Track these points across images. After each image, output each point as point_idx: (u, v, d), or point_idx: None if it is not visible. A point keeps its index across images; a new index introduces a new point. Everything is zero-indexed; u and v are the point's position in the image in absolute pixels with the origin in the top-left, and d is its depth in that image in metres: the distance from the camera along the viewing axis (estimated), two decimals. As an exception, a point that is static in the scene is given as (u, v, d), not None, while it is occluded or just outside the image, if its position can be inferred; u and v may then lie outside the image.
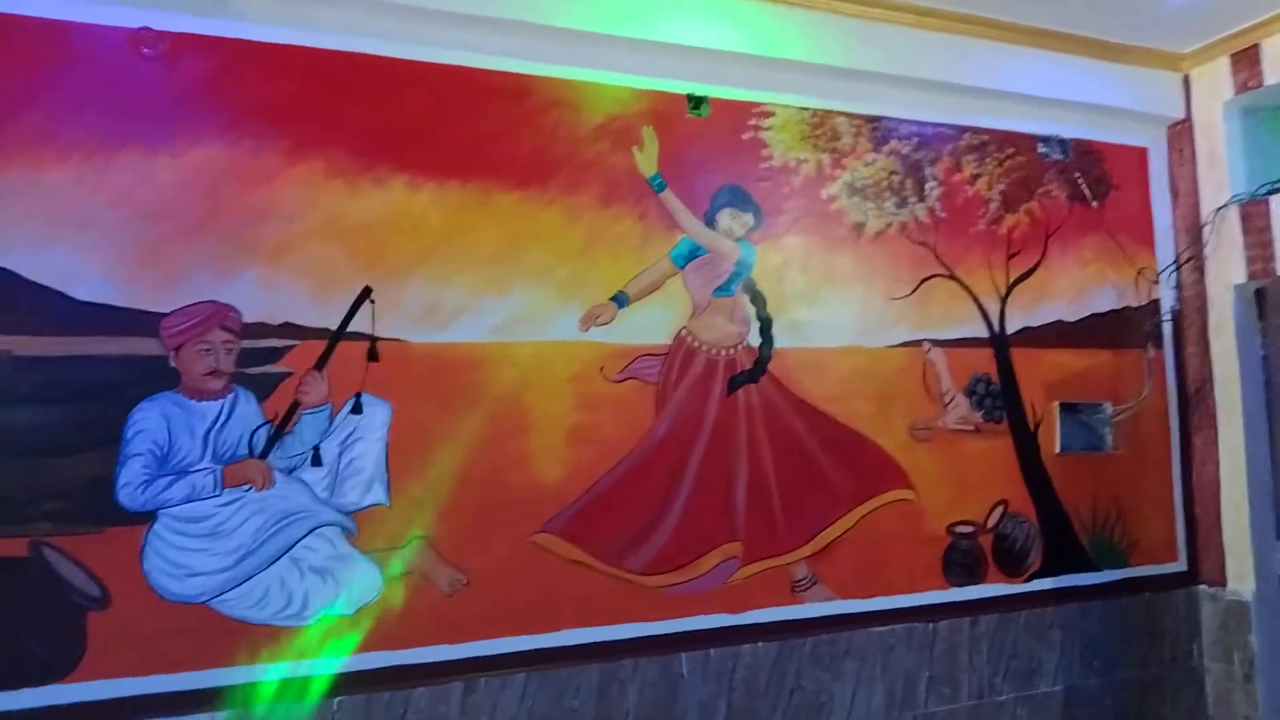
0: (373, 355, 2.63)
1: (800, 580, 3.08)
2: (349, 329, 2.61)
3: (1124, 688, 3.54)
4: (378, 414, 2.64)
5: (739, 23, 3.11)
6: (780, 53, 3.16)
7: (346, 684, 2.51)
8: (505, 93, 2.85)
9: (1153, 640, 3.63)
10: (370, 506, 2.60)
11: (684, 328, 3.01)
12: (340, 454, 2.62)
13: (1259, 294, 3.63)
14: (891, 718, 3.14)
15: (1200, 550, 3.75)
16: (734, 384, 3.07)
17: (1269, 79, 3.54)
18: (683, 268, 3.03)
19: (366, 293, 2.62)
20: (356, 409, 2.61)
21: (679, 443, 2.96)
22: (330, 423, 2.58)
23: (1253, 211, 3.60)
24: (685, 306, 3.02)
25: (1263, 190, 3.61)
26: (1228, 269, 3.71)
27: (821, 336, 3.21)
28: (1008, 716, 3.33)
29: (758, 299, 3.14)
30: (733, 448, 3.03)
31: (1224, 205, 3.71)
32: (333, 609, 2.52)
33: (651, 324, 2.96)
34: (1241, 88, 3.66)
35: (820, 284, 3.23)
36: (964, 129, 3.54)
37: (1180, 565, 3.74)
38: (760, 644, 2.98)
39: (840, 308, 3.26)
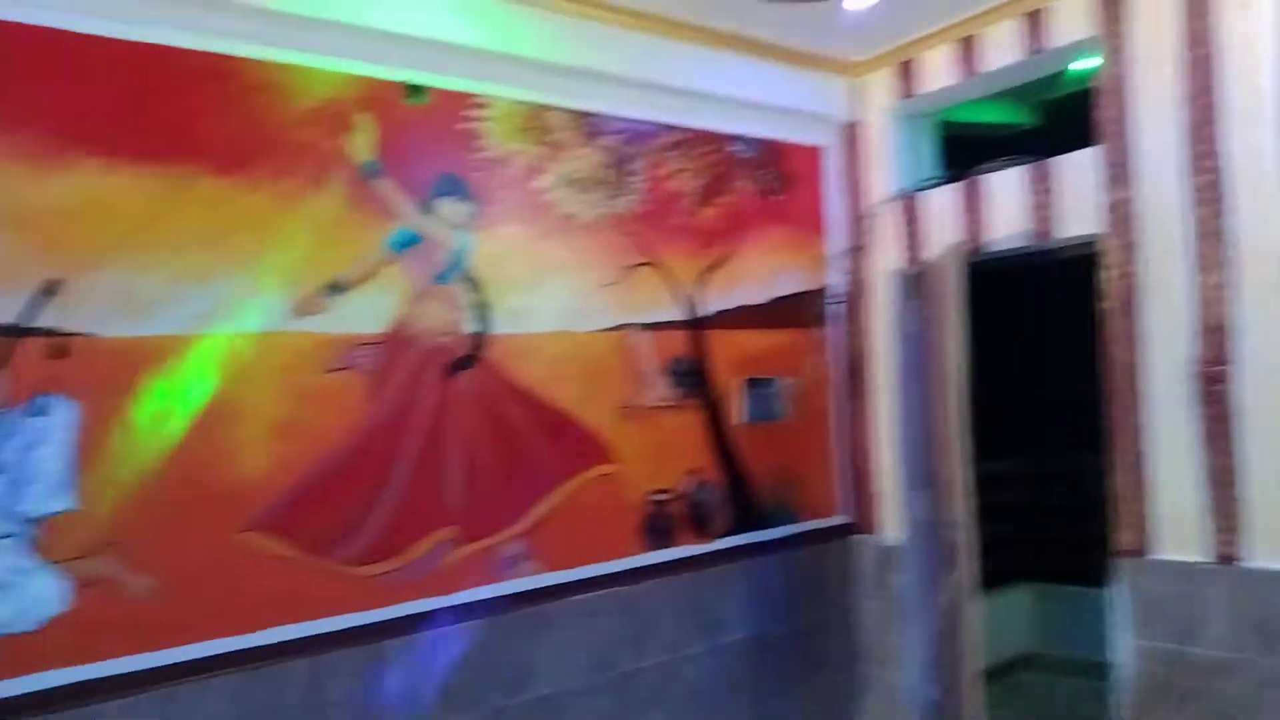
0: (57, 351, 2.79)
1: (511, 557, 3.73)
2: (30, 324, 2.73)
3: (798, 631, 4.60)
4: (62, 414, 2.82)
5: (457, 13, 3.56)
6: (497, 46, 3.67)
7: (29, 706, 2.66)
8: (211, 74, 3.08)
9: (819, 588, 4.74)
10: (56, 513, 2.76)
11: (401, 316, 3.46)
12: (20, 459, 2.76)
13: (909, 278, 4.80)
14: (593, 678, 3.90)
15: (859, 504, 4.93)
16: (451, 371, 3.59)
17: (924, 88, 4.65)
18: (400, 255, 3.47)
19: (50, 284, 2.74)
20: (37, 410, 2.77)
21: (393, 431, 3.42)
22: (7, 427, 2.71)
23: (908, 205, 4.74)
24: (402, 294, 3.47)
25: (916, 187, 4.76)
26: (886, 256, 4.84)
27: (535, 322, 3.82)
28: (698, 666, 4.25)
29: (475, 286, 3.67)
30: (448, 433, 3.56)
31: (885, 200, 4.82)
32: (11, 626, 2.65)
33: (367, 312, 3.37)
34: (902, 95, 4.76)
35: (534, 272, 3.84)
36: (667, 127, 4.29)
37: (842, 518, 4.88)
38: (470, 622, 3.56)
39: (553, 295, 3.89)
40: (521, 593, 3.70)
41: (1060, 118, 5.09)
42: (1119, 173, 3.87)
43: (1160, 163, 3.73)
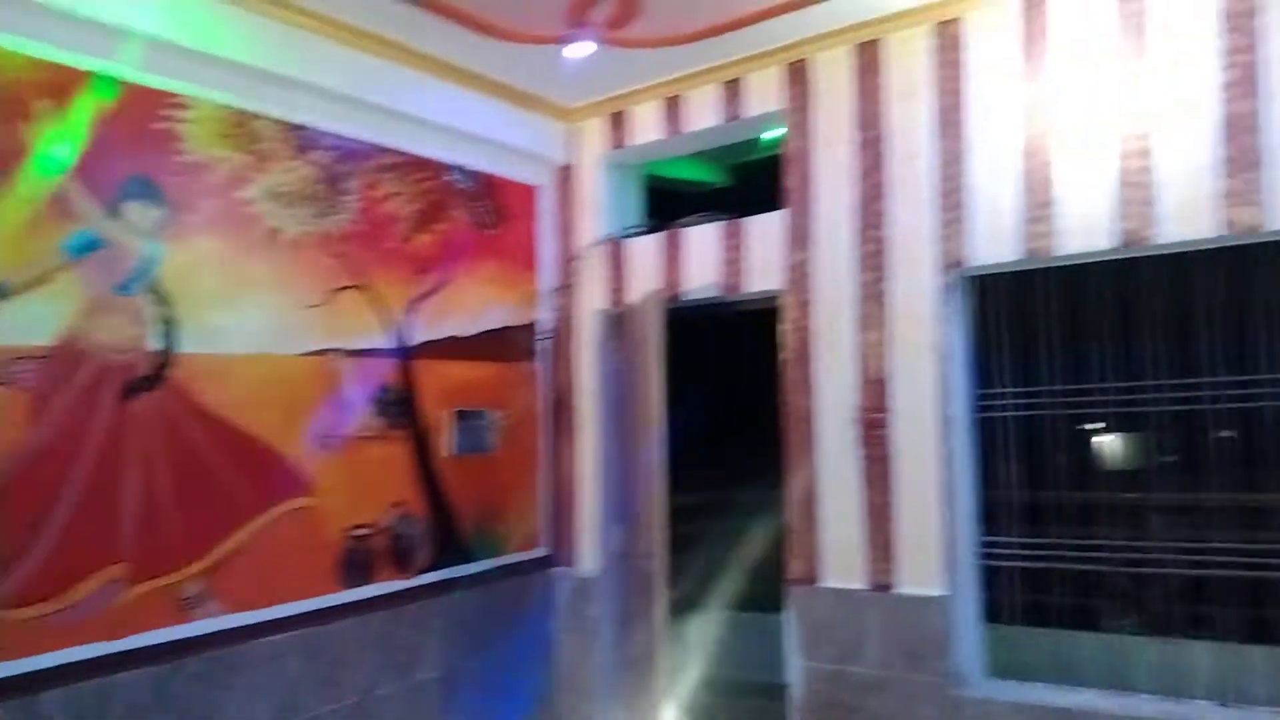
0: None
1: (191, 598, 3.48)
2: None
3: (495, 665, 4.66)
4: None
5: (157, 4, 3.36)
6: (201, 44, 3.48)
7: None
8: None
9: (519, 619, 4.83)
10: None
11: (72, 328, 3.16)
12: None
13: (613, 319, 5.08)
14: (279, 724, 3.73)
15: (560, 537, 5.09)
16: (129, 391, 3.32)
17: (634, 140, 4.97)
18: (78, 260, 3.18)
19: None
20: None
21: (58, 456, 3.09)
22: None
23: (615, 250, 5.03)
24: (77, 304, 3.17)
25: (622, 233, 5.06)
26: (593, 297, 5.09)
27: (231, 342, 3.63)
28: (390, 708, 4.18)
29: (162, 300, 3.43)
30: (123, 461, 3.27)
31: (594, 243, 5.08)
32: None
33: (33, 322, 3.04)
34: (614, 144, 5.06)
35: (232, 288, 3.65)
36: (383, 149, 4.27)
37: (543, 551, 5.03)
38: (143, 669, 3.29)
39: (252, 314, 3.72)
40: (202, 636, 3.46)
41: (750, 180, 5.65)
42: (799, 236, 4.37)
43: (834, 230, 4.26)
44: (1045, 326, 3.98)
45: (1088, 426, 4.15)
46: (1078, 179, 3.66)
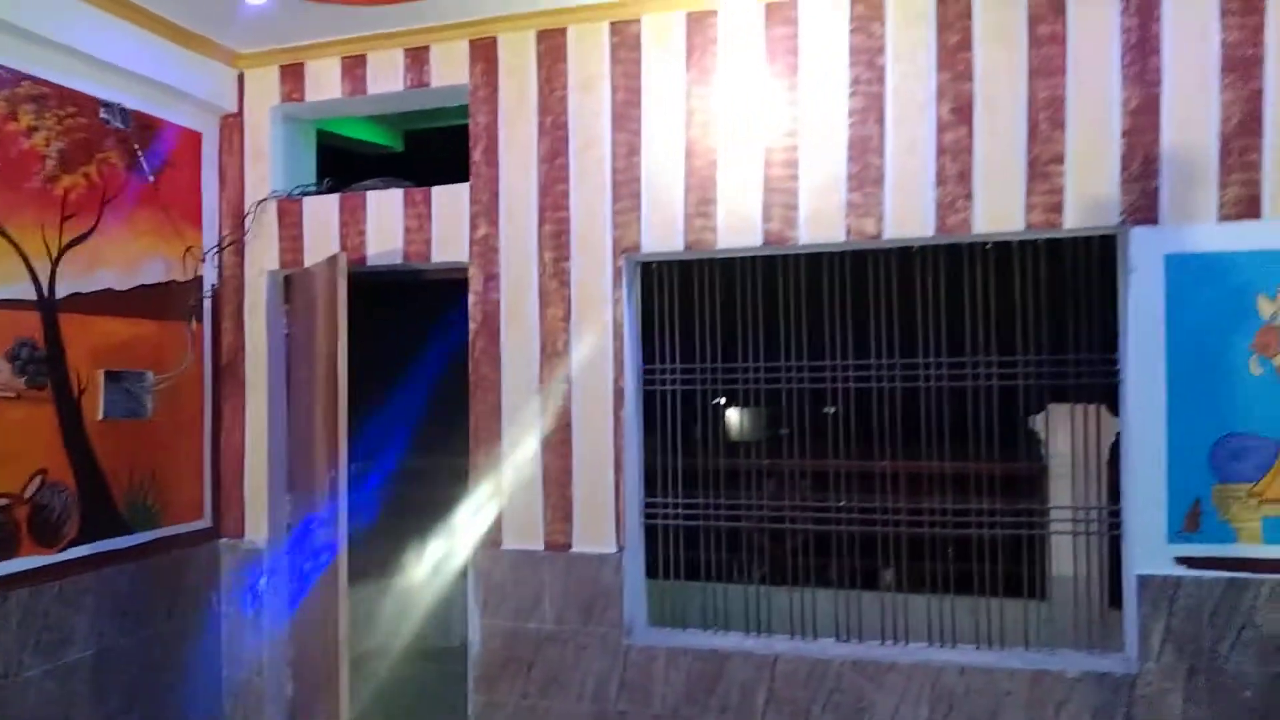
0: None
1: None
2: None
3: (152, 642, 4.44)
4: None
5: None
6: None
7: None
8: None
9: (179, 595, 4.63)
10: None
11: None
12: None
13: (287, 280, 4.94)
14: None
15: (223, 507, 4.92)
16: None
17: (309, 96, 4.83)
18: None
19: None
20: None
21: None
22: None
23: (288, 208, 4.88)
24: None
25: (297, 191, 4.92)
26: (263, 256, 4.91)
27: None
28: (35, 690, 3.89)
29: None
30: None
31: (264, 199, 4.90)
32: None
33: None
34: (287, 97, 4.88)
35: None
36: (22, 75, 3.84)
37: (206, 522, 4.84)
38: None
39: None
40: None
41: (428, 147, 5.70)
42: (485, 211, 4.54)
43: (518, 208, 4.48)
44: (702, 310, 4.46)
45: (722, 401, 4.73)
46: (734, 182, 4.15)
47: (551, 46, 4.39)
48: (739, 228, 4.16)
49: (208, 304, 4.79)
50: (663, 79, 4.23)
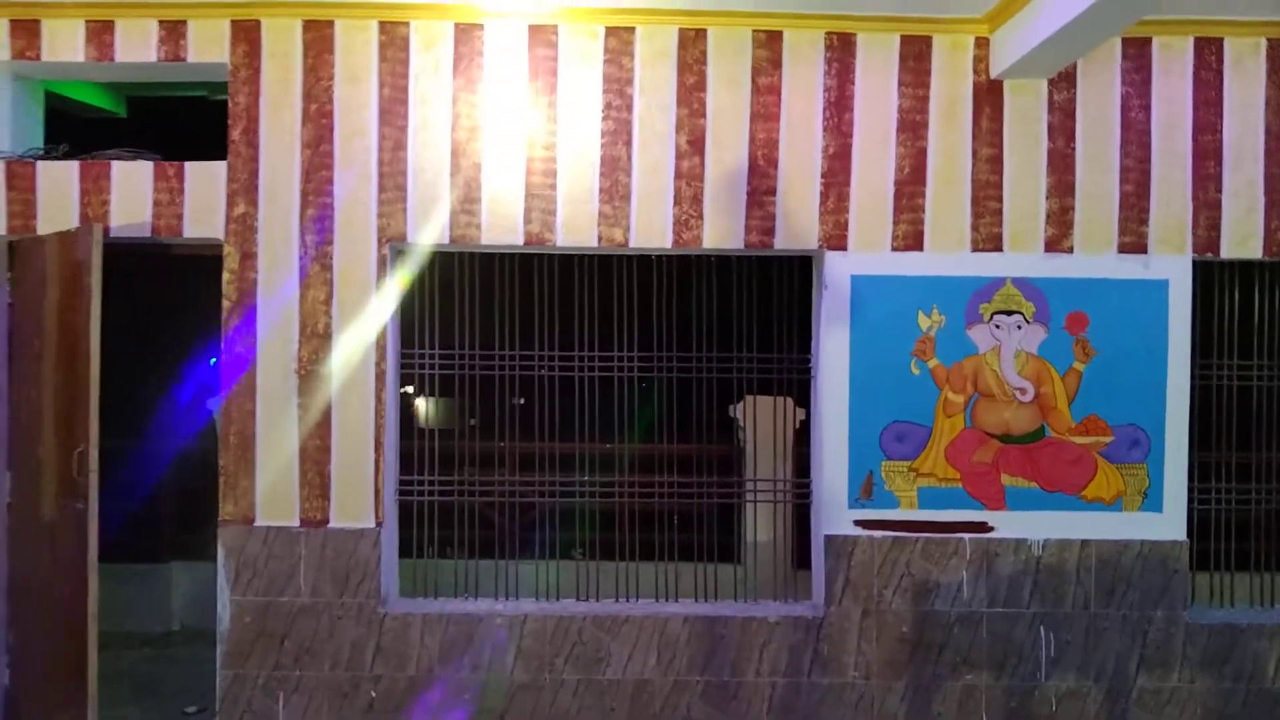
0: None
1: None
2: None
3: None
4: None
5: None
6: None
7: None
8: None
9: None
10: None
11: None
12: None
13: (12, 247, 4.64)
14: None
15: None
16: None
17: (46, 55, 4.57)
18: None
19: None
20: None
21: None
22: None
23: (19, 171, 4.58)
24: None
25: (29, 153, 4.64)
26: (-16, 222, 4.58)
27: None
28: None
29: None
30: None
31: (-12, 160, 4.57)
32: None
33: None
34: (19, 54, 4.58)
35: None
36: None
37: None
38: None
39: None
40: None
41: (153, 115, 5.51)
42: (243, 190, 4.56)
43: (279, 191, 4.54)
44: (461, 300, 4.77)
45: (410, 390, 5.06)
46: (498, 185, 4.50)
47: (318, 37, 4.50)
48: (502, 227, 4.51)
49: (-86, 269, 4.39)
50: (430, 81, 4.49)
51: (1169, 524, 4.51)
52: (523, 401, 4.73)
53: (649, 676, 4.47)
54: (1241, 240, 4.53)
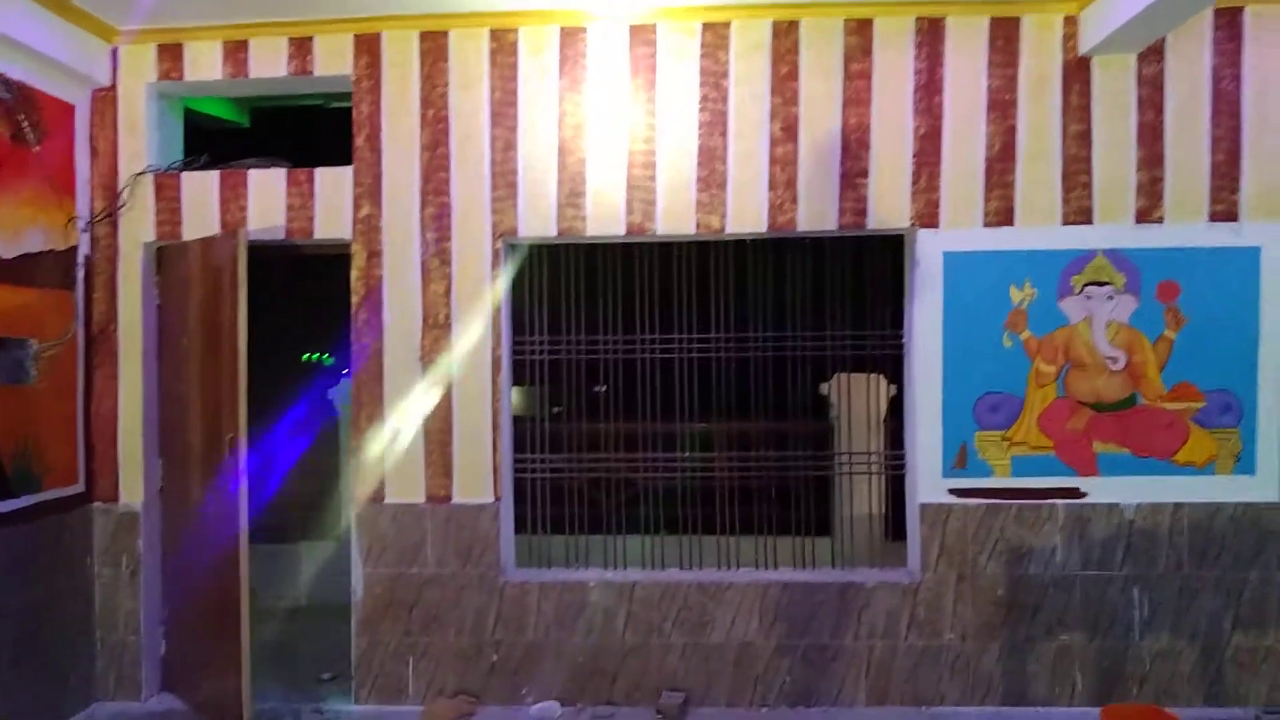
0: None
1: None
2: None
3: (25, 608, 4.46)
4: None
5: None
6: None
7: None
8: None
9: (54, 559, 4.69)
10: None
11: None
12: None
13: (160, 252, 5.09)
14: None
15: (96, 472, 5.01)
16: None
17: (188, 75, 4.99)
18: None
19: None
20: None
21: None
22: None
23: (166, 182, 5.01)
24: None
25: (175, 165, 5.07)
26: (138, 228, 5.02)
27: None
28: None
29: None
30: None
31: (141, 172, 5.02)
32: None
33: None
34: (164, 75, 5.01)
35: None
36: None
37: (80, 487, 4.93)
38: None
39: None
40: None
41: (273, 124, 5.92)
42: (368, 193, 4.91)
43: (401, 192, 4.88)
44: (568, 289, 5.06)
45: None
46: (601, 178, 4.76)
47: (434, 46, 4.81)
48: (605, 218, 4.78)
49: (80, 274, 4.86)
50: (537, 84, 4.77)
51: (1262, 486, 4.59)
52: (605, 389, 4.98)
53: (751, 639, 4.73)
54: (1336, 205, 4.55)
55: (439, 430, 4.77)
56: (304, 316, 6.54)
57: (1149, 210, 4.58)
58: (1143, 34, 4.30)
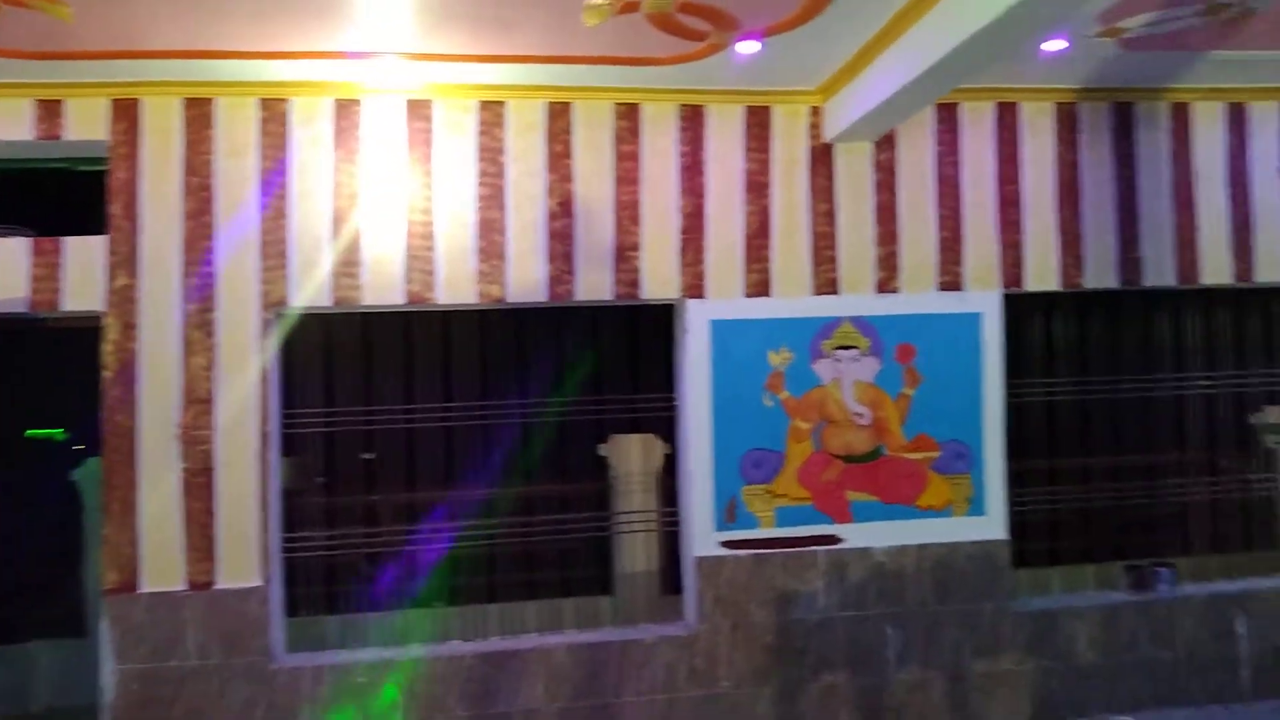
0: None
1: None
2: None
3: None
4: None
5: None
6: None
7: None
8: None
9: None
10: None
11: None
12: None
13: None
14: None
15: None
16: None
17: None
18: None
19: None
20: None
21: None
22: None
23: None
24: None
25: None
26: None
27: None
28: None
29: None
30: None
31: None
32: None
33: None
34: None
35: None
36: None
37: None
38: None
39: None
40: None
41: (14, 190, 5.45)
42: (124, 262, 4.65)
43: (161, 262, 4.66)
44: (341, 359, 5.00)
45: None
46: (379, 247, 4.75)
47: (199, 114, 4.66)
48: (383, 287, 4.76)
49: None
50: (311, 153, 4.71)
51: (992, 525, 5.16)
52: (374, 457, 4.95)
53: (536, 706, 4.77)
54: (1041, 275, 5.25)
55: (200, 511, 4.54)
56: (48, 393, 6.02)
57: (887, 281, 5.10)
58: (877, 125, 4.82)
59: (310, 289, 4.66)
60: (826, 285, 5.02)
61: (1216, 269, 5.40)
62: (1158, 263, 5.33)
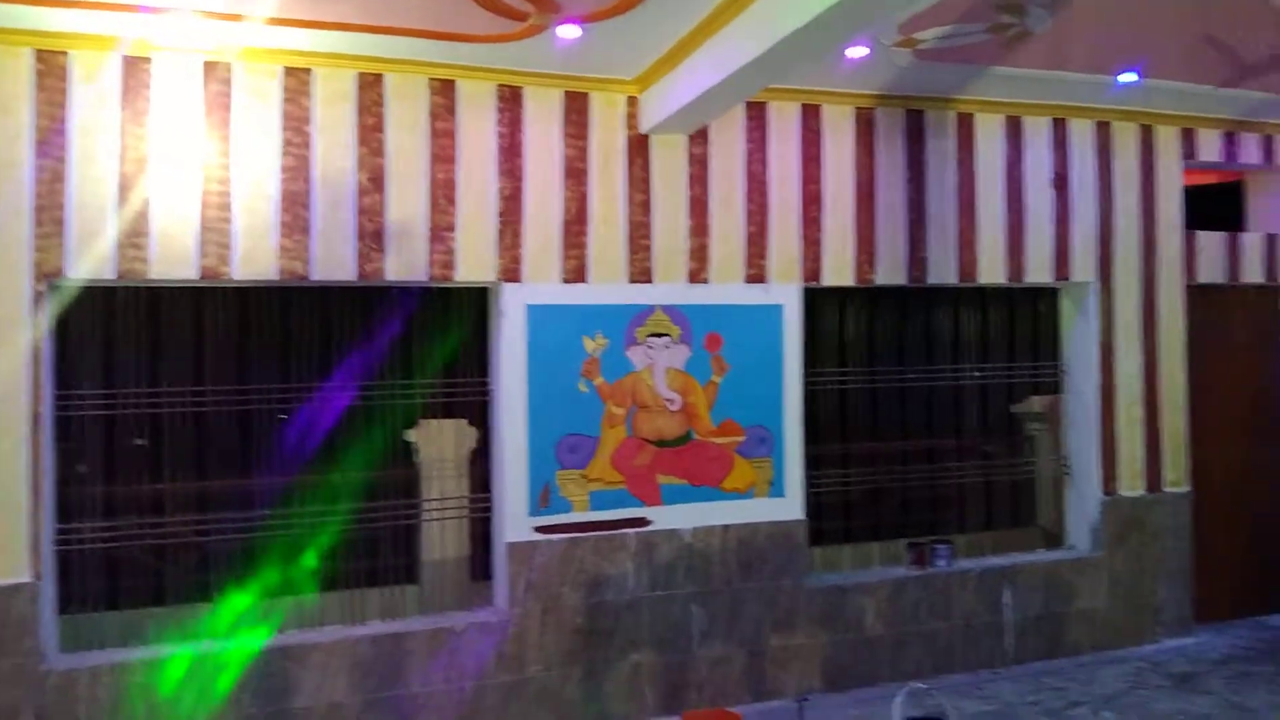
0: None
1: None
2: None
3: None
4: None
5: None
6: None
7: None
8: None
9: None
10: None
11: None
12: None
13: None
14: None
15: None
16: None
17: None
18: None
19: None
20: None
21: None
22: None
23: None
24: None
25: None
26: None
27: None
28: None
29: None
30: None
31: None
32: None
33: None
34: None
35: None
36: None
37: None
38: None
39: None
40: None
41: None
42: None
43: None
44: (125, 336, 4.65)
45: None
46: (169, 218, 4.43)
47: (-38, 64, 4.19)
48: (174, 260, 4.44)
49: None
50: (94, 113, 4.32)
51: (790, 506, 5.42)
52: (144, 442, 4.67)
53: (340, 699, 4.62)
54: (838, 271, 5.55)
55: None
56: None
57: (698, 271, 5.25)
58: (691, 119, 4.94)
59: (91, 260, 4.29)
60: (641, 273, 5.11)
61: (992, 270, 5.87)
62: (942, 262, 5.74)
